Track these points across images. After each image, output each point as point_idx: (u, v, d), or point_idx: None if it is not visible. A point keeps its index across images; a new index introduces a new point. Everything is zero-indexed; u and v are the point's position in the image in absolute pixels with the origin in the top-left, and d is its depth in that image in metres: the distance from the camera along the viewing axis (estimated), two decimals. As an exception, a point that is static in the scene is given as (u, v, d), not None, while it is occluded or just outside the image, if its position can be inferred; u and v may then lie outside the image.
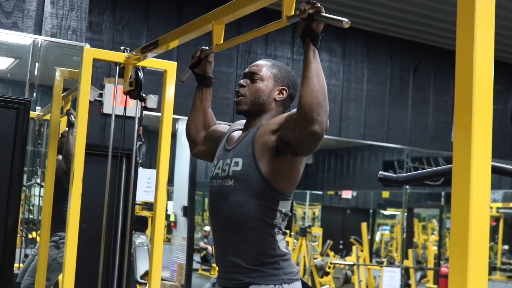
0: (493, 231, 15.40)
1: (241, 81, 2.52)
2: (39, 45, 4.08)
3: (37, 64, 4.14)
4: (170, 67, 3.61)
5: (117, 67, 3.55)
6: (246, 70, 2.54)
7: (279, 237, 2.36)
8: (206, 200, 23.36)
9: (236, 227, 2.35)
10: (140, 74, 3.38)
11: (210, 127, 2.81)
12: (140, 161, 3.66)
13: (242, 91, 2.48)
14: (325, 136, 6.62)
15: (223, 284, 2.45)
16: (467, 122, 1.29)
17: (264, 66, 2.51)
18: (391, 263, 10.82)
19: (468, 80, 1.34)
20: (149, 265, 3.61)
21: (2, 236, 3.60)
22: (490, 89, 1.40)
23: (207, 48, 2.79)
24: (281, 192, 2.34)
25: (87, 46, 3.85)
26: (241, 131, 2.55)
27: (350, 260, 11.88)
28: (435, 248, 15.75)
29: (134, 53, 3.45)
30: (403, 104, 7.52)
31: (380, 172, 1.70)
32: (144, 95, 3.40)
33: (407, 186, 9.48)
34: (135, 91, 3.39)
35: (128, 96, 3.50)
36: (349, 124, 7.10)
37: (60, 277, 4.78)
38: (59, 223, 4.51)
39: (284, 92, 2.49)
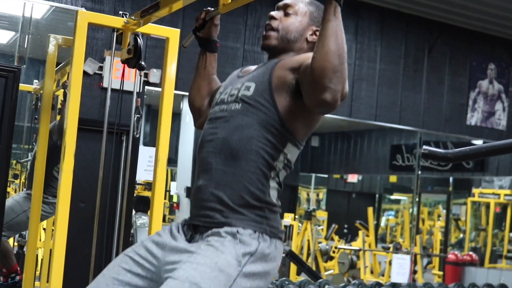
0: (500, 218, 15.17)
1: (273, 13, 2.22)
2: (31, 12, 3.82)
3: (28, 31, 3.88)
4: (172, 35, 3.33)
5: (115, 33, 3.27)
6: (279, 3, 2.26)
7: (273, 183, 2.05)
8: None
9: (230, 153, 2.04)
10: (139, 40, 3.10)
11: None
12: (137, 136, 3.38)
13: (274, 24, 2.20)
14: (336, 117, 6.25)
15: (193, 221, 2.10)
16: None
17: (301, 1, 2.23)
18: (397, 249, 10.60)
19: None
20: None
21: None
22: None
23: (212, 9, 2.49)
24: (292, 133, 2.05)
25: (83, 9, 3.56)
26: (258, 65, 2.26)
27: (356, 245, 11.69)
28: (441, 234, 15.54)
29: (133, 17, 3.16)
30: (417, 85, 7.22)
31: (424, 147, 1.42)
32: (143, 63, 3.10)
33: (419, 171, 9.19)
34: (134, 59, 3.11)
35: (126, 65, 3.22)
36: (360, 104, 6.81)
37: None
38: (45, 185, 4.30)
39: (318, 33, 2.15)
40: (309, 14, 2.22)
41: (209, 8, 2.52)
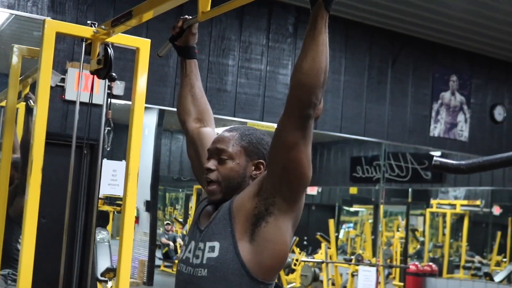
0: (456, 228, 15.33)
1: (208, 165, 2.06)
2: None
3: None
4: (143, 45, 3.22)
5: (83, 43, 3.15)
6: (210, 146, 2.10)
7: None
8: (168, 195, 22.98)
9: None
10: (110, 50, 2.99)
11: (201, 106, 2.40)
12: (108, 149, 3.27)
13: (213, 177, 2.04)
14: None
15: None
16: None
17: (231, 140, 2.06)
18: (359, 261, 10.60)
19: None
20: (118, 263, 3.24)
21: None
22: None
23: (191, 17, 2.40)
24: (263, 280, 1.93)
25: (49, 19, 3.43)
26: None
27: (318, 257, 11.67)
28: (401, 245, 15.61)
29: (103, 27, 3.06)
30: (381, 96, 7.22)
31: (435, 158, 1.36)
32: (114, 74, 3.00)
33: (382, 183, 9.22)
34: (104, 69, 3.00)
35: (95, 76, 3.10)
36: (325, 116, 6.77)
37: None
38: (9, 259, 4.10)
39: (261, 166, 2.06)
40: (244, 151, 2.06)
41: (187, 16, 2.43)
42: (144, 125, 10.18)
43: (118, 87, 5.45)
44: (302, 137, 1.84)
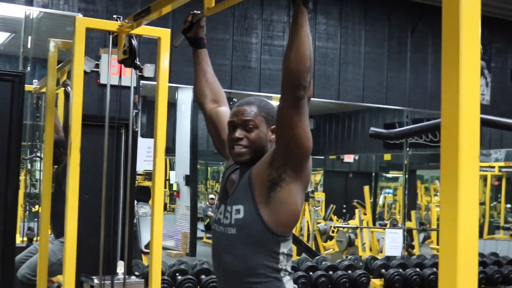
0: (496, 190, 15.41)
1: (237, 134, 2.40)
2: (31, 16, 4.06)
3: (30, 36, 4.13)
4: (163, 34, 3.59)
5: (111, 36, 3.53)
6: (235, 118, 2.43)
7: (286, 279, 2.37)
8: (209, 169, 23.43)
9: (242, 277, 2.35)
10: (134, 42, 3.36)
11: (214, 89, 2.79)
12: (136, 130, 3.65)
13: (243, 143, 2.39)
14: (324, 100, 6.52)
15: None
16: (454, 73, 1.28)
17: (253, 111, 2.40)
18: (393, 225, 10.86)
19: (455, 27, 1.31)
20: (150, 235, 3.62)
21: (2, 210, 3.61)
22: (477, 37, 1.37)
23: (199, 12, 2.77)
24: (282, 234, 2.33)
25: (80, 15, 3.82)
26: (238, 171, 2.50)
27: (353, 223, 11.96)
28: (438, 209, 15.74)
29: (126, 21, 3.43)
30: (401, 65, 7.46)
31: (371, 128, 1.69)
32: (138, 63, 3.38)
33: (408, 148, 9.46)
34: (129, 59, 3.38)
35: (122, 64, 3.48)
36: (347, 87, 7.05)
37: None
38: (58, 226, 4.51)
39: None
40: (265, 120, 2.40)
41: (196, 11, 2.79)
42: (181, 102, 10.51)
43: (149, 70, 5.80)
44: (297, 114, 2.19)
